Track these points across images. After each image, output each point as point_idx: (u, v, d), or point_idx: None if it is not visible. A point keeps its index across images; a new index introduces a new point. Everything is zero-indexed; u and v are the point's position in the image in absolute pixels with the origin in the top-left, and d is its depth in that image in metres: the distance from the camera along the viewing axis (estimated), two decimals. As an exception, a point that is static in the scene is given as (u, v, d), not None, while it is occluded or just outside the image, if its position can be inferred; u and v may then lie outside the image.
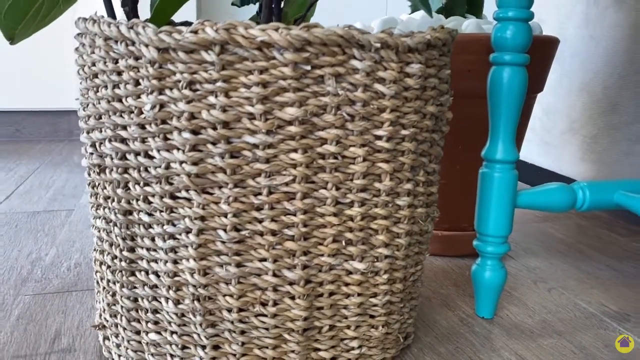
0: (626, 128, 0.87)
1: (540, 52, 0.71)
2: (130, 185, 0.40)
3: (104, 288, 0.46)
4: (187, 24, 0.58)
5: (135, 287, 0.43)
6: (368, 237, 0.42)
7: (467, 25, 0.70)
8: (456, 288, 0.65)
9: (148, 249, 0.41)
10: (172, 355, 0.43)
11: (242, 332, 0.41)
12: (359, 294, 0.42)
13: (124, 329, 0.44)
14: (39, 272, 0.67)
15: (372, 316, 0.44)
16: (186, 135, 0.37)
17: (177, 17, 1.09)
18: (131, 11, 0.47)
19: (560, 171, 1.05)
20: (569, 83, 1.00)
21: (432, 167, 0.46)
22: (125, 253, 0.42)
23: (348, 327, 0.43)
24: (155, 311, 0.42)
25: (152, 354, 0.43)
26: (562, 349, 0.52)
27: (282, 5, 0.50)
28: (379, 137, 0.40)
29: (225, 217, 0.38)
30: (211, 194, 0.38)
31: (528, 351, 0.51)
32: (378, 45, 0.37)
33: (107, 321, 0.47)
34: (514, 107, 0.52)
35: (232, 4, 0.60)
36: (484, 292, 0.57)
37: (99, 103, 0.41)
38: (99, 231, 0.45)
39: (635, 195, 0.54)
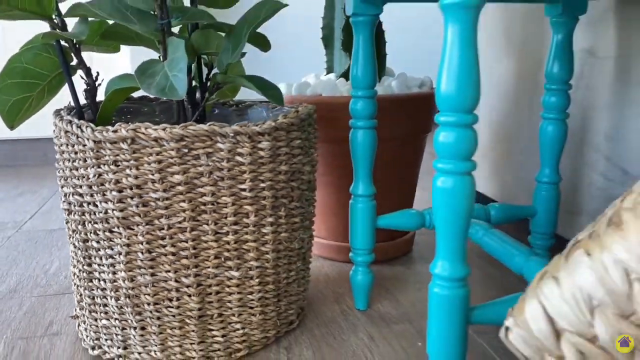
0: (518, 155, 1.04)
1: (425, 103, 0.91)
2: (85, 223, 0.62)
3: (76, 290, 0.68)
4: (144, 98, 0.80)
5: (92, 290, 0.65)
6: (241, 254, 0.62)
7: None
8: (349, 287, 0.85)
9: (98, 264, 0.63)
10: (116, 334, 0.64)
11: (158, 318, 0.62)
12: (238, 292, 0.63)
13: (87, 317, 0.66)
14: (44, 279, 0.90)
15: (250, 307, 0.65)
16: (114, 193, 0.59)
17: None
18: (92, 102, 0.69)
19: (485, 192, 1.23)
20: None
21: (293, 205, 0.66)
22: (85, 267, 0.64)
23: (233, 314, 0.64)
24: (105, 305, 0.64)
25: (104, 334, 0.65)
26: (407, 332, 0.72)
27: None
28: (243, 189, 0.60)
29: (142, 244, 0.60)
30: (132, 229, 0.60)
31: (379, 333, 0.71)
32: (232, 134, 0.58)
33: (78, 313, 0.69)
34: (368, 158, 0.73)
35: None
36: (357, 291, 0.77)
37: (65, 170, 0.63)
38: (72, 252, 0.67)
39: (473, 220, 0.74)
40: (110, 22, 0.67)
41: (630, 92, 0.74)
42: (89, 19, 0.65)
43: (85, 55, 0.69)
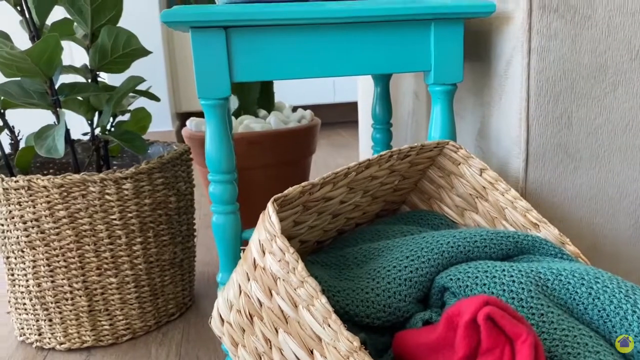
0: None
1: (307, 134, 1.12)
2: (6, 244, 0.86)
3: (7, 293, 0.92)
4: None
5: (15, 293, 0.88)
6: (118, 266, 0.85)
7: (249, 121, 1.11)
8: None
9: (17, 274, 0.86)
10: (32, 325, 0.88)
11: (60, 312, 0.85)
12: (118, 294, 0.86)
13: (15, 313, 0.90)
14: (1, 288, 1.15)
15: (130, 304, 0.88)
16: (20, 224, 0.82)
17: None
18: (15, 152, 0.92)
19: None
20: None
21: (161, 227, 0.88)
22: (10, 276, 0.88)
23: (116, 309, 0.87)
24: (24, 304, 0.88)
25: (25, 325, 0.89)
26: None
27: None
28: (113, 219, 0.83)
29: (43, 260, 0.83)
30: (35, 249, 0.83)
31: (238, 321, 0.93)
32: (99, 180, 0.80)
33: (10, 310, 0.93)
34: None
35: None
36: (229, 289, 0.99)
37: (-9, 207, 0.86)
38: (5, 265, 0.90)
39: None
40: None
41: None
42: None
43: (14, 113, 0.92)
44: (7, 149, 0.95)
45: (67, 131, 0.87)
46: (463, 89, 0.81)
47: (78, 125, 1.31)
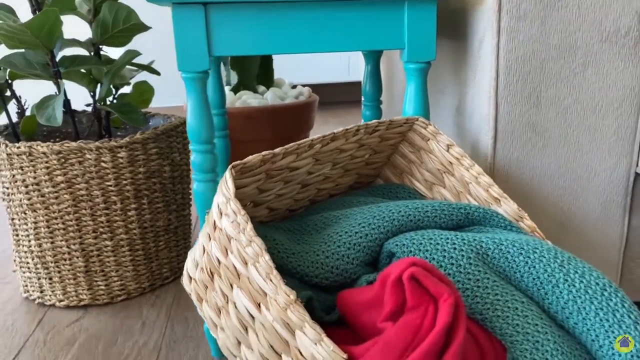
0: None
1: (303, 110, 1.15)
2: (11, 207, 0.91)
3: (13, 253, 0.98)
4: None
5: (19, 253, 0.94)
6: (113, 230, 0.90)
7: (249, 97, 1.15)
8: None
9: (20, 236, 0.92)
10: (35, 283, 0.94)
11: (59, 272, 0.91)
12: (113, 256, 0.91)
13: (20, 272, 0.96)
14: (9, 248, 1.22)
15: (125, 266, 0.93)
16: (22, 187, 0.87)
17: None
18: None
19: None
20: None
21: (155, 195, 0.93)
22: (15, 237, 0.94)
23: (111, 271, 0.93)
24: (27, 263, 0.94)
25: (28, 283, 0.95)
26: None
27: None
28: (109, 185, 0.88)
29: (43, 222, 0.88)
30: (36, 212, 0.88)
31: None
32: (95, 148, 0.85)
33: (16, 268, 0.99)
34: (225, 157, 0.98)
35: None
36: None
37: (0, 176, 0.92)
38: (10, 226, 0.96)
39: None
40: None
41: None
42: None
43: (23, 84, 0.98)
44: (15, 118, 1.01)
45: (68, 101, 0.91)
46: (445, 66, 0.83)
47: (84, 97, 1.36)
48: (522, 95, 0.68)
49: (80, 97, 1.20)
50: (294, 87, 1.29)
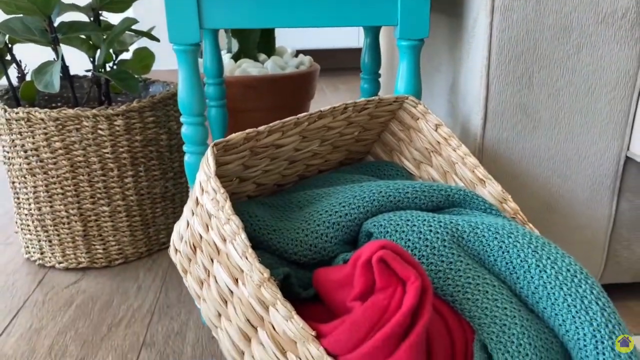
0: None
1: (304, 79, 1.15)
2: (11, 171, 0.93)
3: (14, 215, 1.00)
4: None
5: (20, 215, 0.97)
6: (110, 196, 0.92)
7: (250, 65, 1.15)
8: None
9: (21, 199, 0.94)
10: (35, 245, 0.97)
11: (58, 235, 0.94)
12: (111, 221, 0.94)
13: (21, 233, 0.99)
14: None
15: (122, 231, 0.95)
16: (22, 152, 0.89)
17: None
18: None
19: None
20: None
21: (152, 162, 0.94)
22: (16, 200, 0.96)
23: (109, 236, 0.95)
24: (28, 225, 0.96)
25: (29, 245, 0.98)
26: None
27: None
28: (106, 152, 0.89)
29: (42, 187, 0.90)
30: (35, 176, 0.90)
31: (223, 254, 1.00)
32: (92, 116, 0.86)
33: (17, 230, 1.02)
34: (221, 127, 0.99)
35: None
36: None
37: (0, 140, 0.94)
38: (11, 189, 0.99)
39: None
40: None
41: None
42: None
43: (23, 47, 0.98)
44: (15, 82, 1.02)
45: (66, 68, 0.92)
46: (442, 42, 0.82)
47: (87, 62, 1.37)
48: (514, 76, 0.68)
49: (82, 62, 1.20)
50: (296, 55, 1.28)
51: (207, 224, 0.52)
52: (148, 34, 1.01)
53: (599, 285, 0.50)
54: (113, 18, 1.08)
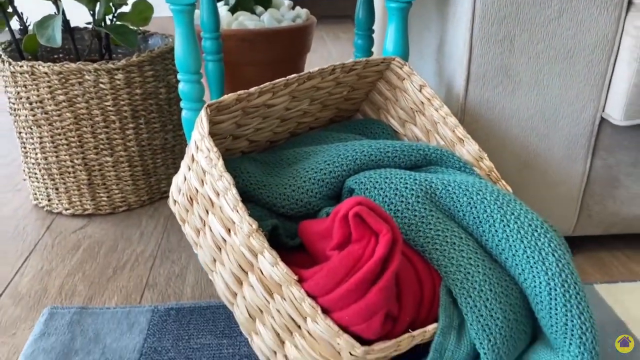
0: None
1: (300, 33, 1.17)
2: (17, 122, 0.98)
3: (22, 163, 1.05)
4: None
5: (28, 164, 1.01)
6: (113, 147, 0.97)
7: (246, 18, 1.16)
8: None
9: (28, 148, 0.99)
10: (43, 192, 1.02)
11: (64, 183, 0.99)
12: (114, 171, 0.99)
13: (29, 181, 1.04)
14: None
15: (125, 181, 1.01)
16: (27, 104, 0.93)
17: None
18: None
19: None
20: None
21: (152, 115, 0.98)
22: (23, 149, 1.00)
23: (112, 185, 1.00)
24: (35, 173, 1.01)
25: (37, 192, 1.03)
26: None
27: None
28: (107, 105, 0.93)
29: (48, 137, 0.94)
30: (41, 127, 0.94)
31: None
32: (93, 70, 0.89)
33: (25, 177, 1.07)
34: (218, 81, 1.02)
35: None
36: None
37: (5, 87, 0.97)
38: (19, 139, 1.03)
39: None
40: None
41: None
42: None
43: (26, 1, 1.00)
44: (18, 35, 1.04)
45: (67, 21, 0.94)
46: (431, 2, 0.84)
47: (88, 15, 1.38)
48: (497, 39, 0.71)
49: (82, 14, 1.22)
50: (293, 7, 1.29)
51: (202, 179, 0.56)
52: (146, -13, 1.02)
53: (557, 238, 0.55)
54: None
